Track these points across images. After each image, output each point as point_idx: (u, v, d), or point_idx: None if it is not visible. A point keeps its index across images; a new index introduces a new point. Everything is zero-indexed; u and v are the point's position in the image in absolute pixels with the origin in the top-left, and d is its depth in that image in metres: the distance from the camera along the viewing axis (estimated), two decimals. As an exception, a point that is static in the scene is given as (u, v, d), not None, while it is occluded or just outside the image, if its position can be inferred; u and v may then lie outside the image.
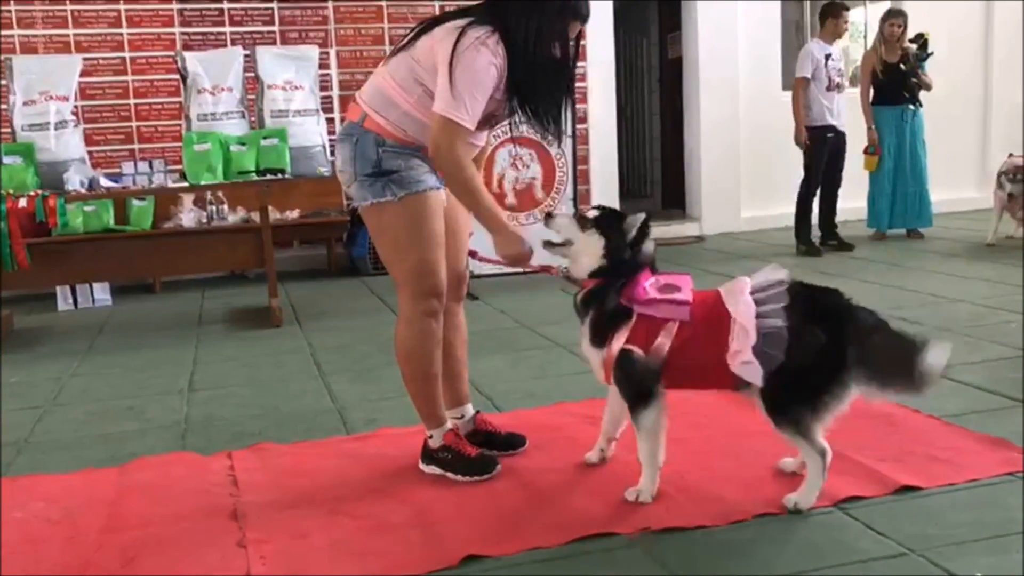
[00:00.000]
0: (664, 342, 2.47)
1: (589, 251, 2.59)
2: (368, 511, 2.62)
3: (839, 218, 7.36)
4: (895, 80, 7.34)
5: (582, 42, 2.85)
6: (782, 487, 2.58)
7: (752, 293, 2.46)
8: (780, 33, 8.76)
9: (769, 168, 8.42)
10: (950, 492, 2.54)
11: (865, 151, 7.42)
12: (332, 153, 7.27)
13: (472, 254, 3.03)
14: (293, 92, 5.75)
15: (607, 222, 2.61)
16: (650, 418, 2.53)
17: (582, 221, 2.63)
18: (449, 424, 2.91)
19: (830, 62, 7.03)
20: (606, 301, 2.55)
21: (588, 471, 2.83)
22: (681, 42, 8.83)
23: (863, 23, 9.16)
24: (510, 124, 2.78)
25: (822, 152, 7.07)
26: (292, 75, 5.76)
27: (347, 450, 3.16)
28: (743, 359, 2.39)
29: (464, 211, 2.91)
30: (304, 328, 5.35)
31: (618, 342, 2.51)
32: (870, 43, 8.02)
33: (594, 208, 2.70)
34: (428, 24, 2.68)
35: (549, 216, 2.71)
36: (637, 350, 2.49)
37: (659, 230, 8.45)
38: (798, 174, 7.26)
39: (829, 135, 7.05)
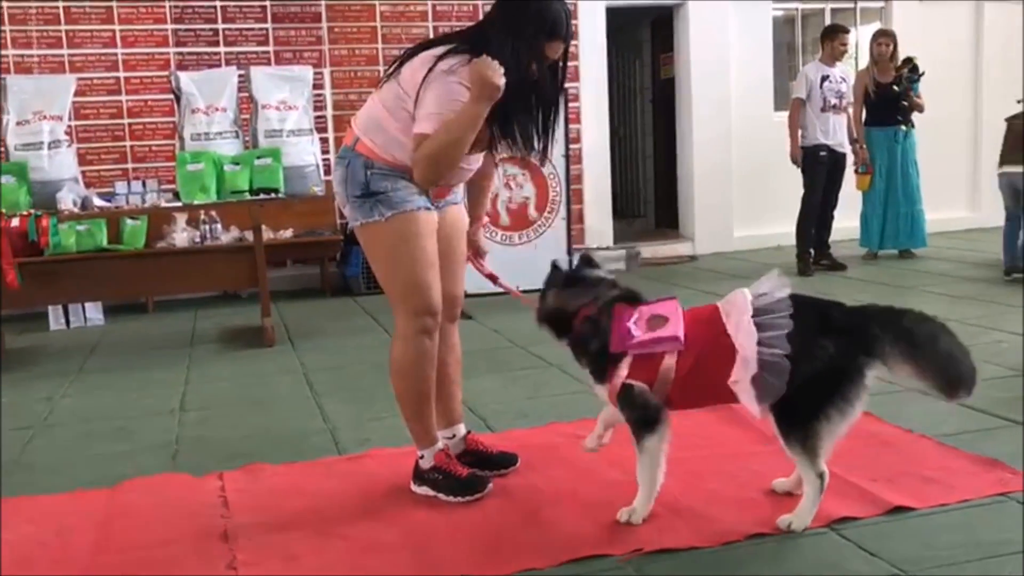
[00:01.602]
0: (668, 373, 2.48)
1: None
2: (359, 533, 2.61)
3: (832, 237, 7.40)
4: (887, 101, 7.39)
5: (575, 63, 2.88)
6: (775, 508, 2.58)
7: (754, 315, 2.42)
8: (772, 54, 8.82)
9: (761, 188, 8.46)
10: (943, 513, 2.53)
11: (856, 170, 7.46)
12: (326, 173, 7.31)
13: (492, 279, 3.07)
14: (287, 112, 5.75)
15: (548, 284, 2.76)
16: (653, 442, 2.54)
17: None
18: (440, 444, 2.91)
19: (826, 83, 7.11)
20: (592, 345, 2.59)
21: (580, 491, 2.82)
22: (674, 63, 8.89)
23: (853, 45, 9.22)
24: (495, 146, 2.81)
25: (816, 171, 7.14)
26: (286, 95, 5.77)
27: (339, 471, 3.15)
28: (743, 389, 2.39)
29: (460, 233, 2.95)
30: (297, 348, 5.34)
31: (618, 378, 2.52)
32: (860, 64, 8.10)
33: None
34: (414, 50, 2.73)
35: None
36: (639, 384, 2.50)
37: (652, 249, 8.54)
38: (790, 194, 7.31)
39: (822, 154, 7.12)
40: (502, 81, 2.55)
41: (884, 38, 7.42)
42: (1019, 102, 6.48)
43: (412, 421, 2.87)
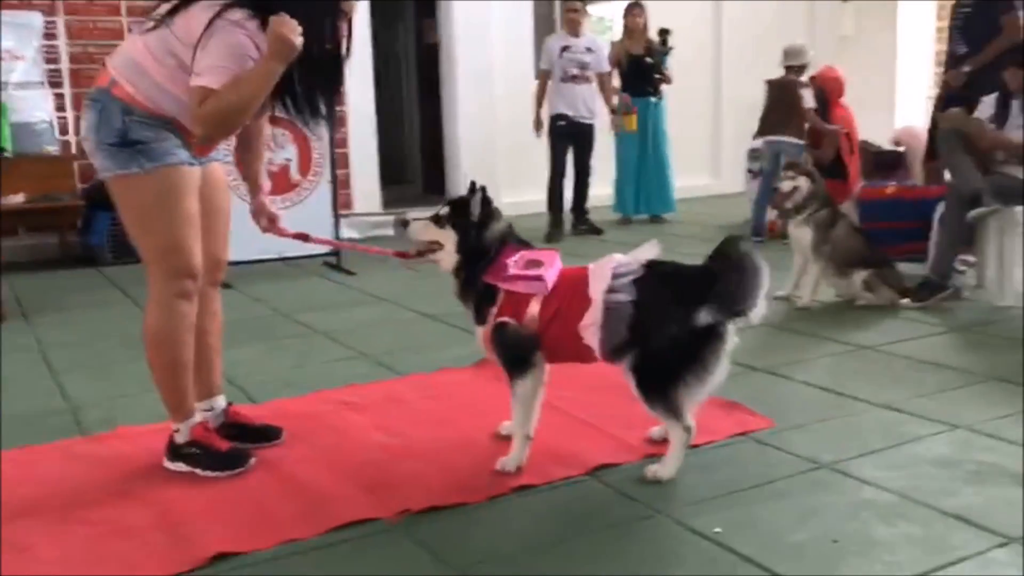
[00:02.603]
0: (533, 314, 2.51)
1: (451, 247, 2.62)
2: (105, 516, 2.40)
3: (589, 203, 7.68)
4: (639, 72, 7.74)
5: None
6: (541, 458, 2.64)
7: (615, 269, 2.52)
8: (532, 23, 8.98)
9: (525, 155, 8.62)
10: (692, 454, 2.67)
11: (620, 112, 7.58)
12: (62, 131, 6.68)
13: (304, 237, 2.93)
14: (13, 63, 5.22)
15: (458, 213, 2.62)
16: (525, 386, 2.56)
17: (439, 220, 2.64)
18: (198, 417, 2.74)
19: (566, 54, 7.22)
20: (475, 282, 2.59)
21: (347, 458, 2.75)
22: (437, 28, 8.85)
23: (610, 17, 9.62)
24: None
25: (556, 140, 7.31)
26: (11, 44, 5.23)
27: (81, 452, 2.88)
28: (591, 334, 2.46)
29: (222, 191, 2.79)
30: (33, 323, 4.85)
31: (491, 318, 2.55)
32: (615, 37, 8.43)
33: (445, 204, 2.69)
34: None
35: (405, 224, 2.72)
36: (511, 321, 2.53)
37: (421, 215, 8.45)
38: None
39: (561, 123, 7.26)
40: (300, 40, 2.40)
41: (636, 10, 7.73)
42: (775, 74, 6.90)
43: (167, 393, 2.68)
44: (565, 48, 7.25)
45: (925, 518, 2.26)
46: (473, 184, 2.65)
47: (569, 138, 7.34)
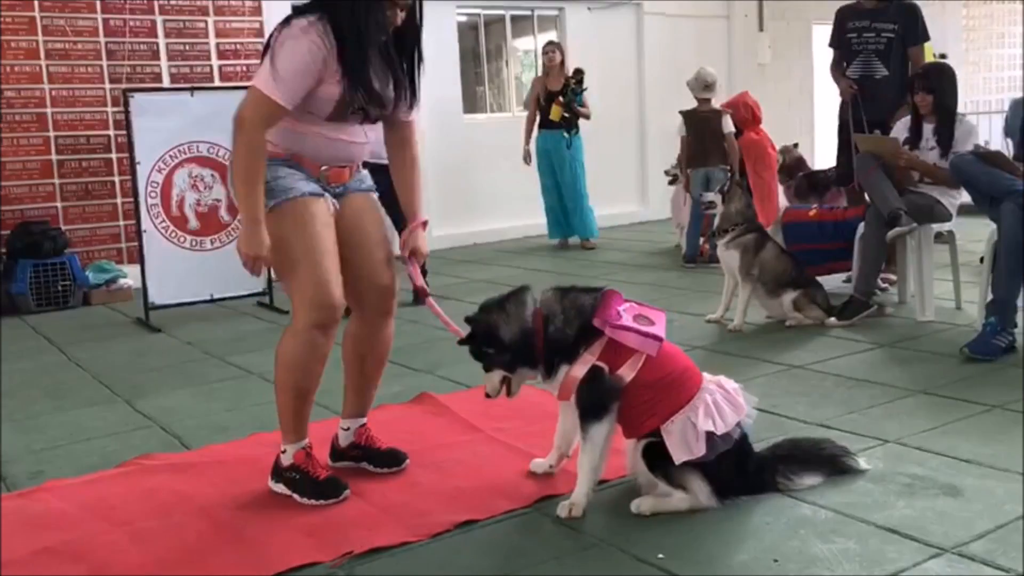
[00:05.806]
0: (629, 372, 2.46)
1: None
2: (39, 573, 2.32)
3: (528, 233, 7.70)
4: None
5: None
6: (482, 494, 2.63)
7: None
8: (458, 57, 9.04)
9: (457, 187, 8.68)
10: (629, 481, 2.70)
11: (557, 103, 7.80)
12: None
13: (423, 293, 2.85)
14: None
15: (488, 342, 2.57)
16: (602, 433, 2.49)
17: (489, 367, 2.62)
18: (305, 442, 2.75)
19: None
20: (570, 326, 2.51)
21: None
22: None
23: (528, 53, 9.78)
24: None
25: None
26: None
27: (8, 509, 2.77)
28: (689, 433, 2.43)
29: (371, 218, 2.81)
30: (-49, 377, 4.68)
31: (589, 359, 2.46)
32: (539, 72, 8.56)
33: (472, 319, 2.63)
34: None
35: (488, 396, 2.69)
36: (605, 366, 2.46)
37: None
38: (485, 192, 7.55)
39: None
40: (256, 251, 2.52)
41: (551, 48, 7.92)
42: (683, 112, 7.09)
43: (285, 414, 2.72)
44: None
45: (861, 533, 2.30)
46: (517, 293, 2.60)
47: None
